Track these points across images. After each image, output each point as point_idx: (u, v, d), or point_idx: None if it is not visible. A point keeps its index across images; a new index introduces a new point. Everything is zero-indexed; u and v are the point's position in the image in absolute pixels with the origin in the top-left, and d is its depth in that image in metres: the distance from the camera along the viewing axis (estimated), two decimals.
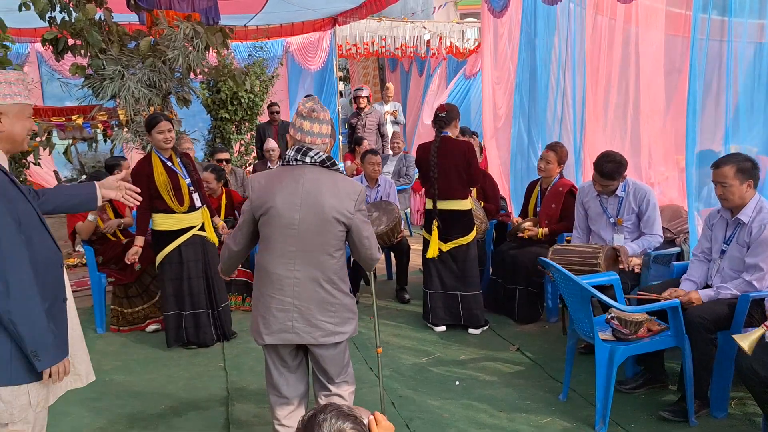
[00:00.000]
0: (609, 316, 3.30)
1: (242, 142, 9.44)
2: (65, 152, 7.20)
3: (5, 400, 2.03)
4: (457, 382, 3.77)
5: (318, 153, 2.53)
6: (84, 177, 8.20)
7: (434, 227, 4.40)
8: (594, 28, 4.79)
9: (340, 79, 11.89)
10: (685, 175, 3.90)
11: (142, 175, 4.14)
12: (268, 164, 7.51)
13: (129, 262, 4.27)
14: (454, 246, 4.42)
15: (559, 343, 4.29)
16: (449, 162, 4.32)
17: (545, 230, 4.60)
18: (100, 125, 6.66)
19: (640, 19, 4.32)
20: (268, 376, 2.78)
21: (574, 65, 4.95)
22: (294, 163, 2.53)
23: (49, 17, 6.41)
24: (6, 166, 2.13)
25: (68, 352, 2.16)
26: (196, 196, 4.30)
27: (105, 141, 7.56)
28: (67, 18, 6.44)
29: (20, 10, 6.14)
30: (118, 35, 6.87)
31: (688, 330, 3.16)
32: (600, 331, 3.25)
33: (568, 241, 4.59)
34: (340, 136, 10.42)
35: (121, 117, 6.68)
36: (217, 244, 4.45)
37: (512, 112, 5.68)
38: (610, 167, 3.84)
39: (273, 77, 9.70)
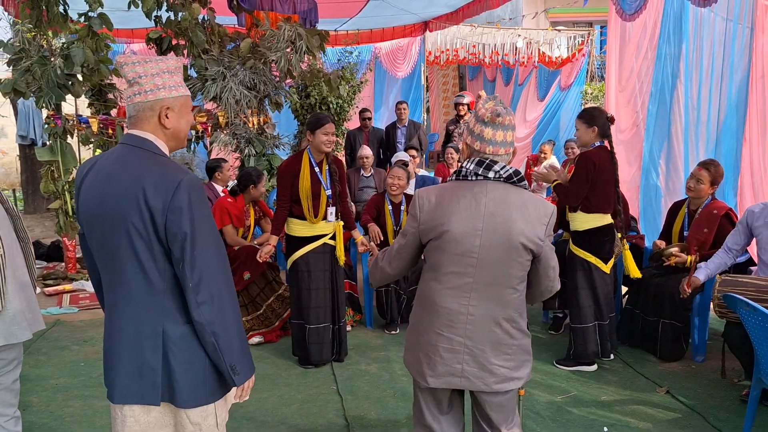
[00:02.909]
0: None
1: None
2: None
3: (194, 421, 1.83)
4: (606, 429, 3.31)
5: (504, 167, 2.11)
6: None
7: (625, 248, 3.99)
8: (760, 45, 4.31)
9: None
10: None
11: (288, 173, 3.94)
12: (362, 172, 7.24)
13: (261, 261, 4.10)
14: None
15: (715, 386, 3.76)
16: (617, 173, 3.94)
17: (695, 257, 4.07)
18: (199, 126, 6.53)
19: None
20: (419, 416, 2.40)
21: (731, 78, 4.44)
22: (473, 177, 2.13)
23: (155, 16, 6.36)
24: None
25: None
26: (332, 210, 4.02)
27: (198, 143, 7.47)
28: (172, 17, 6.37)
29: (129, 8, 6.10)
30: (219, 36, 6.76)
31: None
32: None
33: (722, 272, 4.06)
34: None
35: (221, 119, 6.54)
36: (342, 263, 4.14)
37: (645, 124, 5.16)
38: None
39: (362, 83, 9.48)
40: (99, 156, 1.89)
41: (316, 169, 3.96)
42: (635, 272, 4.04)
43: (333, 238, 4.09)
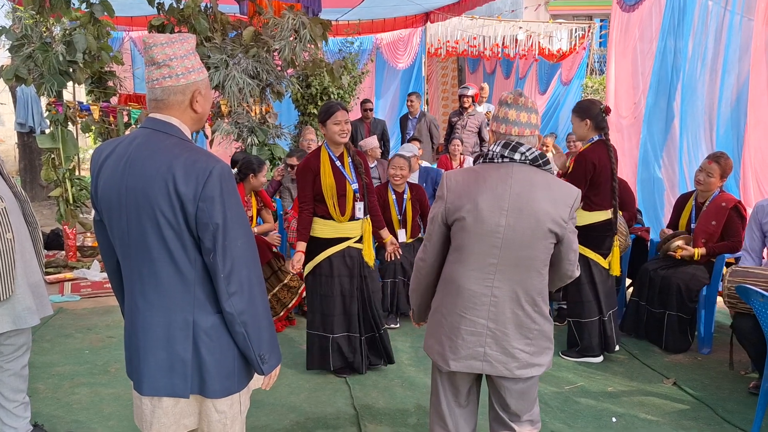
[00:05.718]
0: None
1: None
2: None
3: (220, 410, 1.81)
4: (614, 419, 3.31)
5: (530, 149, 2.13)
6: None
7: (616, 244, 3.87)
8: (761, 35, 4.29)
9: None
10: None
11: (308, 171, 3.62)
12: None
13: (296, 272, 3.86)
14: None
15: (722, 378, 3.78)
16: (617, 167, 3.85)
17: (702, 250, 4.07)
18: None
19: None
20: (435, 405, 2.39)
21: (732, 69, 4.42)
22: (499, 160, 2.14)
23: (157, 3, 6.31)
24: None
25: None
26: (360, 205, 3.67)
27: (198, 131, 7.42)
28: (175, 4, 6.31)
29: None
30: (222, 24, 6.71)
31: None
32: None
33: (729, 264, 4.08)
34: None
35: (223, 108, 6.50)
36: (372, 266, 3.79)
37: (644, 116, 5.14)
38: None
39: (363, 73, 9.44)
40: (117, 140, 1.82)
41: (338, 164, 3.61)
42: (617, 270, 3.95)
43: (359, 241, 3.73)
